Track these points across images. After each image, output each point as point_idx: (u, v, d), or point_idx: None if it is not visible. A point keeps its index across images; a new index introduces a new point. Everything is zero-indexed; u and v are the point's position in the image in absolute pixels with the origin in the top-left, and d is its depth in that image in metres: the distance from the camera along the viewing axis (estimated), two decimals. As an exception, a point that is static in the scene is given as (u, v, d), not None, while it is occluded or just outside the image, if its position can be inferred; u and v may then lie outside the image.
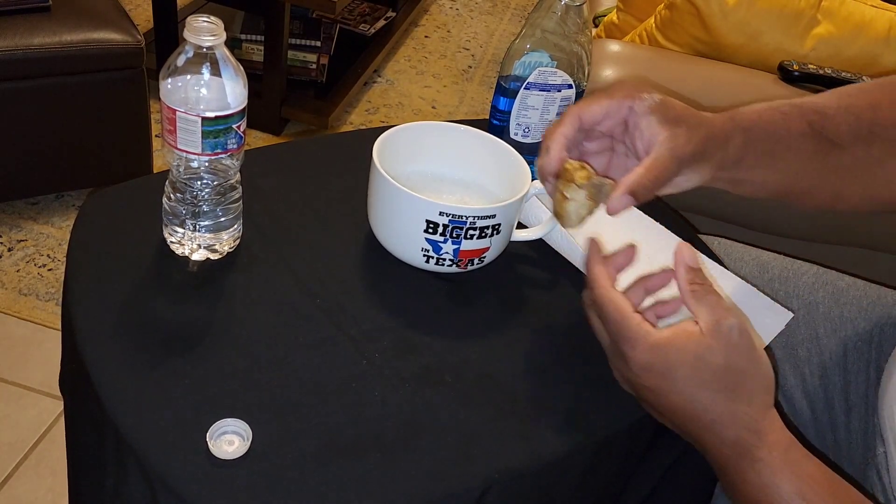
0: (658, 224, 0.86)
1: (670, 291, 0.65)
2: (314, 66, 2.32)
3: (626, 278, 0.77)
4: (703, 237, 0.89)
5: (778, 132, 0.66)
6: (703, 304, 0.57)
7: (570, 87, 0.84)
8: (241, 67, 0.66)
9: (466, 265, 0.74)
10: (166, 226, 0.72)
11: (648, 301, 0.66)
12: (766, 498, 0.55)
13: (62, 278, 0.71)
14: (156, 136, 1.87)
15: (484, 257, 0.74)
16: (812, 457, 0.57)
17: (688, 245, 0.61)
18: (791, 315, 0.76)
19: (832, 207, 0.71)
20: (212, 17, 0.63)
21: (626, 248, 0.66)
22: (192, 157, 0.66)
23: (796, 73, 1.21)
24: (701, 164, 0.62)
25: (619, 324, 0.58)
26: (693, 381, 0.56)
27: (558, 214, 0.65)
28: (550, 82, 0.83)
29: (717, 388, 0.56)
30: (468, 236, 0.70)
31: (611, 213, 0.61)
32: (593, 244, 0.63)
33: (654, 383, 0.57)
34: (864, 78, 1.21)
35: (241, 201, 0.73)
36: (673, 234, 0.85)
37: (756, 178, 0.66)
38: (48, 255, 1.70)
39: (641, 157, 0.62)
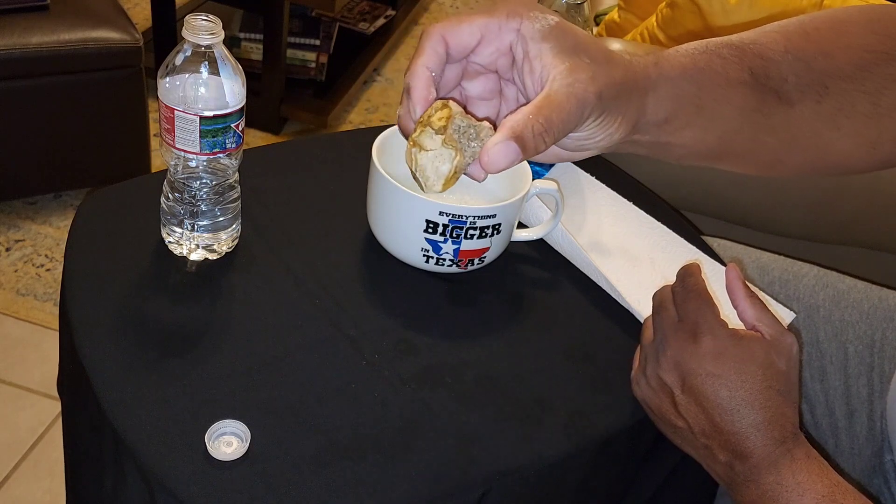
0: (661, 224, 0.85)
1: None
2: (313, 64, 2.32)
3: (627, 279, 0.76)
4: (704, 238, 0.89)
5: (715, 81, 0.51)
6: (765, 316, 0.62)
7: (570, 86, 0.83)
8: (240, 66, 0.65)
9: (466, 265, 0.73)
10: (164, 225, 0.71)
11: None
12: (800, 500, 0.57)
13: (60, 278, 0.71)
14: (154, 135, 1.86)
15: (484, 257, 0.73)
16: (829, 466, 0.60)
17: (733, 265, 0.64)
18: (794, 315, 0.76)
19: (766, 174, 0.61)
20: (210, 16, 0.62)
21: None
22: (191, 156, 0.66)
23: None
24: (610, 115, 0.46)
25: (705, 306, 0.61)
26: (760, 379, 0.59)
27: (413, 174, 0.47)
28: (551, 81, 0.82)
29: (778, 390, 0.59)
30: (468, 236, 0.70)
31: (486, 166, 0.44)
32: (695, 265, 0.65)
33: (724, 370, 0.59)
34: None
35: (239, 201, 0.72)
36: (676, 234, 0.85)
37: (685, 142, 0.52)
38: (46, 255, 1.70)
39: (533, 98, 0.46)
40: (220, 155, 0.67)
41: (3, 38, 1.52)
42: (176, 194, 0.69)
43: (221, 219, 0.71)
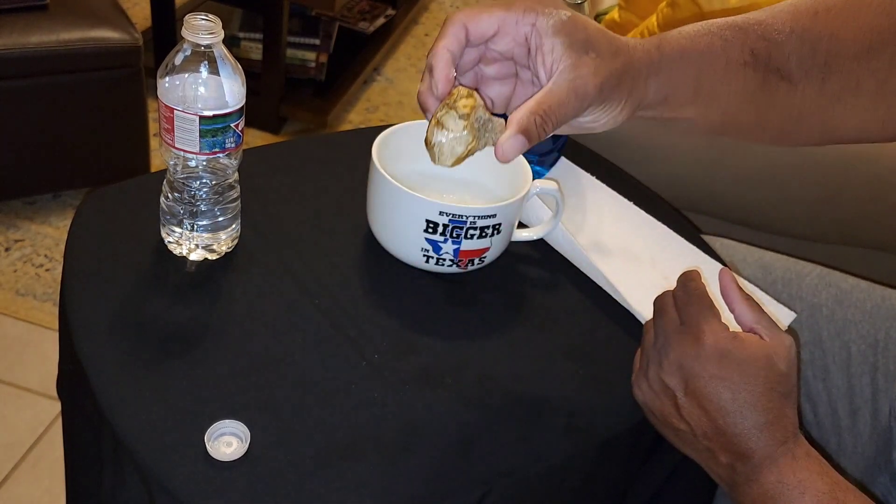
0: (661, 224, 0.85)
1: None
2: (313, 64, 2.32)
3: (628, 279, 0.76)
4: (706, 237, 0.88)
5: (714, 63, 0.55)
6: (762, 318, 0.62)
7: (570, 85, 0.83)
8: (240, 66, 0.65)
9: (466, 265, 0.73)
10: (164, 225, 0.71)
11: None
12: (801, 498, 0.57)
13: (59, 278, 0.71)
14: (153, 135, 1.86)
15: (484, 257, 0.73)
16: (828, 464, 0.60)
17: (727, 269, 0.64)
18: (794, 315, 0.76)
19: (777, 144, 0.65)
20: (210, 16, 0.62)
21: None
22: (190, 156, 0.66)
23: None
24: (612, 102, 0.52)
25: (707, 309, 0.61)
26: (763, 380, 0.59)
27: (428, 146, 0.54)
28: (551, 81, 0.82)
29: (779, 392, 0.59)
30: (468, 236, 0.70)
31: (500, 158, 0.51)
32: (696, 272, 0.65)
33: (727, 373, 0.59)
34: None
35: (239, 201, 0.72)
36: (676, 235, 0.84)
37: (688, 116, 0.57)
38: (45, 255, 1.69)
39: (543, 86, 0.52)
40: (220, 155, 0.67)
41: (1, 37, 1.52)
42: (175, 194, 0.69)
43: (221, 219, 0.71)
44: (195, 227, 0.70)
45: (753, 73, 0.56)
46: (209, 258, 0.72)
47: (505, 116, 0.54)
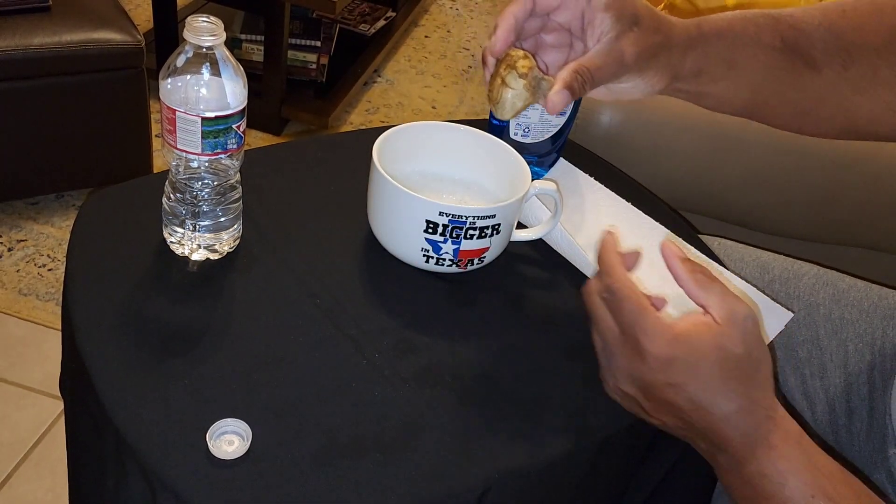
0: (659, 225, 0.86)
1: (654, 283, 0.64)
2: (314, 65, 2.32)
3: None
4: (703, 237, 0.89)
5: (746, 43, 0.63)
6: (711, 293, 0.55)
7: (570, 86, 0.83)
8: (241, 67, 0.66)
9: (466, 265, 0.74)
10: (166, 226, 0.72)
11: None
12: (782, 490, 0.54)
13: (62, 278, 0.71)
14: (156, 136, 1.86)
15: (484, 257, 0.74)
16: (821, 450, 0.56)
17: (670, 241, 0.59)
18: (791, 315, 0.76)
19: (799, 130, 0.69)
20: (211, 17, 0.63)
21: (633, 252, 0.62)
22: (192, 157, 0.66)
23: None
24: (649, 71, 0.60)
25: (639, 315, 0.55)
26: (718, 372, 0.54)
27: (492, 100, 0.62)
28: (550, 82, 0.83)
29: (739, 378, 0.54)
30: (468, 236, 0.70)
31: (550, 110, 0.59)
32: (609, 236, 0.60)
33: (678, 378, 0.55)
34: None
35: (240, 201, 0.73)
36: (674, 235, 0.85)
37: (719, 92, 0.65)
38: (48, 255, 1.70)
39: None
40: (222, 155, 0.67)
41: (4, 39, 1.52)
42: (178, 195, 0.69)
43: (223, 219, 0.71)
44: (197, 227, 0.70)
45: (781, 55, 0.64)
46: (211, 258, 0.72)
47: None
